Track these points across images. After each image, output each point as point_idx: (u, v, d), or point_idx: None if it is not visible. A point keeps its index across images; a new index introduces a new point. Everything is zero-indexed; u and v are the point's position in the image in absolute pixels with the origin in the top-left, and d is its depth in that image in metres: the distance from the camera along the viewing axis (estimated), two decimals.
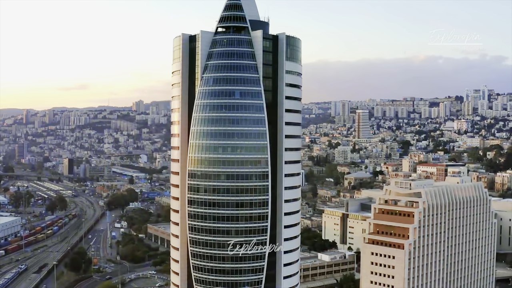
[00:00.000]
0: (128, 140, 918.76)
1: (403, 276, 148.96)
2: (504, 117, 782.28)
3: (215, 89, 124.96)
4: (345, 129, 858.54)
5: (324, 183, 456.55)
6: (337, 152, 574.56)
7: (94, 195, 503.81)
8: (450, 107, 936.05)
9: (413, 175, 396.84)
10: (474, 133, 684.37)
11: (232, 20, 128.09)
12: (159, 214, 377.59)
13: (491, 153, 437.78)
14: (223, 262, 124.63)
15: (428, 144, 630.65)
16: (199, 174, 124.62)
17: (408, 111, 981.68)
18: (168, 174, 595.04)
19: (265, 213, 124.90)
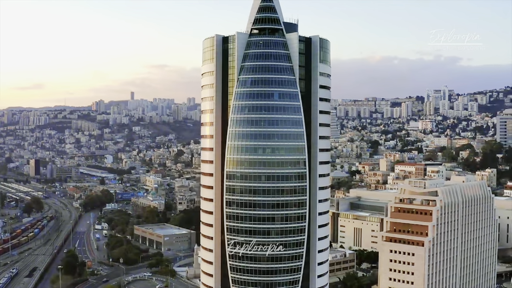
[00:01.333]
0: (90, 140, 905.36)
1: (423, 272, 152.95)
2: (466, 117, 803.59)
3: (254, 90, 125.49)
4: None
5: None
6: None
7: (66, 197, 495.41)
8: (412, 107, 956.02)
9: (391, 174, 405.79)
10: (439, 133, 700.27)
11: (267, 22, 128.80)
12: (139, 215, 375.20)
13: (464, 152, 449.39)
14: (261, 263, 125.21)
15: (396, 143, 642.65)
16: (238, 175, 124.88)
17: (371, 111, 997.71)
18: (138, 175, 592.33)
19: (303, 213, 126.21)
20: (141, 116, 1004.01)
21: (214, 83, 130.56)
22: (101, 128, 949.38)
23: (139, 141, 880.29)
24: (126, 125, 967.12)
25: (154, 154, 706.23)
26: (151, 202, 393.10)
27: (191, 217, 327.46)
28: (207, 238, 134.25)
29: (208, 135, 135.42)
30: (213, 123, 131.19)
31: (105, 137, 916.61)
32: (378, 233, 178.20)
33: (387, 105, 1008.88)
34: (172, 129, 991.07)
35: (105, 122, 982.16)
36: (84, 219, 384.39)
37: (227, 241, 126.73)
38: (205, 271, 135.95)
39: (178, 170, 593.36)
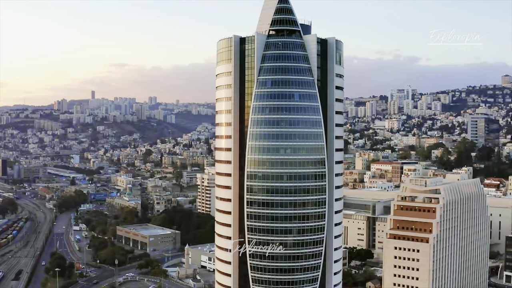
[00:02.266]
0: (54, 140, 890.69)
1: (428, 268, 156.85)
2: (431, 116, 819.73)
3: (274, 91, 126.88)
4: None
5: None
6: None
7: (37, 197, 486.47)
8: (376, 106, 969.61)
9: (367, 173, 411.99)
10: (406, 132, 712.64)
11: (285, 23, 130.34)
12: (116, 216, 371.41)
13: (436, 151, 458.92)
14: (281, 261, 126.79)
15: (365, 142, 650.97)
16: (260, 175, 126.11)
17: None
18: (108, 175, 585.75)
19: (322, 212, 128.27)
20: (104, 116, 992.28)
21: (232, 83, 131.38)
22: (65, 128, 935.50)
23: (103, 141, 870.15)
24: (89, 125, 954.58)
25: (122, 154, 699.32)
26: (128, 202, 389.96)
27: (173, 217, 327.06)
28: (224, 238, 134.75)
29: (224, 135, 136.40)
30: (230, 124, 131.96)
31: (68, 136, 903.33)
32: (381, 231, 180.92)
33: (352, 104, 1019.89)
34: (136, 128, 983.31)
35: (68, 121, 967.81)
36: (60, 220, 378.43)
37: (248, 240, 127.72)
38: (222, 271, 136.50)
39: (148, 170, 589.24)
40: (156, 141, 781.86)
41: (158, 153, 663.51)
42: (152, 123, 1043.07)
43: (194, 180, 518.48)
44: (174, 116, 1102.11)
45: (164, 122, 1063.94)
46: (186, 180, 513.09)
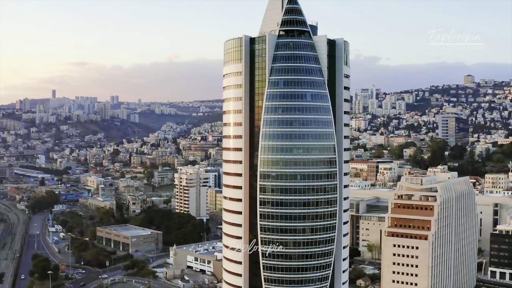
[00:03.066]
0: (17, 139, 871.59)
1: (428, 264, 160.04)
2: (396, 116, 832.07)
3: (286, 91, 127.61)
4: None
5: None
6: None
7: (6, 198, 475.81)
8: None
9: None
10: (373, 131, 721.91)
11: (294, 24, 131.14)
12: (91, 217, 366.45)
13: (408, 150, 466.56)
14: (294, 260, 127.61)
15: None
16: (273, 175, 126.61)
17: None
18: (77, 175, 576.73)
19: (334, 211, 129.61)
20: (68, 115, 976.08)
21: (243, 83, 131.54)
22: (28, 127, 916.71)
23: (67, 140, 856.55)
24: (53, 124, 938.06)
25: (89, 153, 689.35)
26: (102, 203, 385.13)
27: (152, 217, 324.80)
28: (234, 237, 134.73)
29: (232, 135, 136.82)
30: (241, 123, 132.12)
31: (32, 136, 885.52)
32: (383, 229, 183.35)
33: None
34: (100, 128, 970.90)
35: (31, 121, 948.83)
36: (34, 222, 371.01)
37: (261, 239, 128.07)
38: (231, 271, 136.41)
39: (117, 169, 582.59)
40: (122, 141, 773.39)
41: (126, 153, 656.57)
42: (116, 123, 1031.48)
43: (165, 180, 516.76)
44: (137, 116, 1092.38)
45: (127, 121, 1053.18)
46: (158, 180, 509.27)
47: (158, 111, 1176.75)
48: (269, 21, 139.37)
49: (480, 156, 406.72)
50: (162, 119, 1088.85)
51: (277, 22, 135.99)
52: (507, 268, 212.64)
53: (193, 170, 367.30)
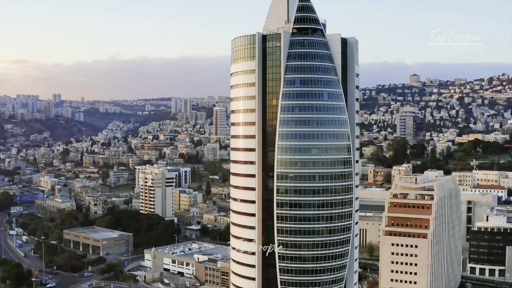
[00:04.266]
0: None
1: (427, 263, 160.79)
2: None
3: (303, 90, 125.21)
4: (190, 126, 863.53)
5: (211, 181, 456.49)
6: (206, 150, 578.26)
7: None
8: None
9: None
10: None
11: (308, 22, 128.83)
12: (52, 218, 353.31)
13: (367, 148, 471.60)
14: (310, 262, 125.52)
15: None
16: (291, 176, 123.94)
17: None
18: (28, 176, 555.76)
19: (349, 212, 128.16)
20: (11, 114, 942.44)
21: (256, 81, 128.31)
22: None
23: (12, 140, 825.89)
24: None
25: (38, 153, 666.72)
26: (62, 204, 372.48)
27: (119, 218, 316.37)
28: (247, 240, 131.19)
29: (242, 135, 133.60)
30: (253, 123, 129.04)
31: None
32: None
33: None
34: (45, 126, 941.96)
35: None
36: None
37: (278, 242, 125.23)
38: (243, 275, 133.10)
39: (69, 169, 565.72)
40: (70, 140, 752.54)
41: (76, 152, 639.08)
42: (61, 121, 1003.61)
43: (121, 180, 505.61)
44: (82, 114, 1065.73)
45: (72, 120, 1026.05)
46: (113, 180, 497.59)
47: (103, 110, 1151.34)
48: (273, 18, 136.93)
49: (442, 154, 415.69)
50: (107, 118, 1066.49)
51: (284, 20, 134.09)
52: (486, 264, 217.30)
53: (158, 170, 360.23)
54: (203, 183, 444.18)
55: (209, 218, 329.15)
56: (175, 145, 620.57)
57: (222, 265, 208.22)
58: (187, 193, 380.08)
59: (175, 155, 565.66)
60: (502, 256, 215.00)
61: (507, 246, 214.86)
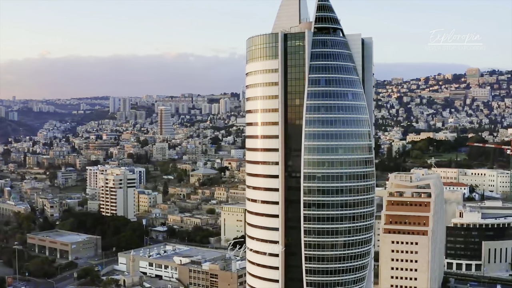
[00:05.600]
0: None
1: (427, 259, 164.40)
2: None
3: (328, 89, 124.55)
4: (130, 126, 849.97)
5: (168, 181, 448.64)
6: (155, 149, 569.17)
7: None
8: (230, 103, 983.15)
9: None
10: None
11: (328, 21, 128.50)
12: (6, 222, 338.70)
13: None
14: (335, 262, 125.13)
15: (235, 139, 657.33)
16: (319, 176, 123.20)
17: (189, 107, 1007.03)
18: None
19: (372, 211, 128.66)
20: None
21: (279, 81, 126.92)
22: None
23: None
24: None
25: None
26: (15, 207, 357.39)
27: (83, 221, 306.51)
28: (269, 242, 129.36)
29: (260, 135, 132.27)
30: (277, 123, 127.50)
31: None
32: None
33: (205, 101, 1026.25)
34: None
35: None
36: None
37: (305, 243, 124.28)
38: (265, 277, 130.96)
39: (12, 171, 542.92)
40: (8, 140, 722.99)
41: (17, 153, 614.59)
42: None
43: (70, 181, 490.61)
44: (16, 114, 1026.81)
45: (6, 119, 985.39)
46: (62, 181, 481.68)
47: (36, 109, 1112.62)
48: (284, 17, 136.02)
49: (398, 152, 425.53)
50: (42, 117, 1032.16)
51: (295, 19, 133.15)
52: (463, 259, 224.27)
53: (119, 171, 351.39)
54: (158, 184, 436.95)
55: (175, 219, 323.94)
56: (122, 145, 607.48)
57: (211, 267, 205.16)
58: (146, 194, 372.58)
59: (122, 155, 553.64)
60: (478, 251, 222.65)
61: (483, 241, 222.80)
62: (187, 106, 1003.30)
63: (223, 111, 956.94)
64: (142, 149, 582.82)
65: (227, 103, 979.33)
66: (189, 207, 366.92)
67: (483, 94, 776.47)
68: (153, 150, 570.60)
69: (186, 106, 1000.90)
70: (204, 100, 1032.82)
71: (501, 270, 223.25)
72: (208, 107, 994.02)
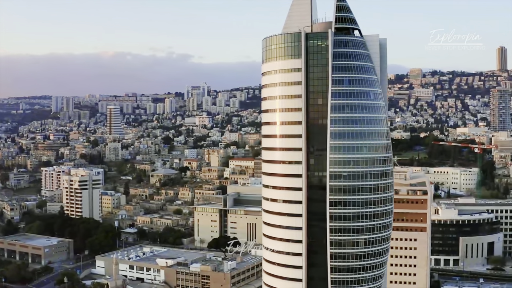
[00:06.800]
0: None
1: (426, 255, 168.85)
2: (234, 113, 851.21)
3: (352, 89, 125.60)
4: (75, 125, 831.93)
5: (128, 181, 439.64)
6: (108, 150, 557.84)
7: None
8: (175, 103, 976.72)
9: (227, 170, 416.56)
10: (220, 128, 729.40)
11: (348, 22, 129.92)
12: None
13: None
14: (357, 260, 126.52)
15: (186, 139, 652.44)
16: (345, 175, 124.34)
17: (133, 107, 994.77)
18: None
19: (390, 209, 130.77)
20: None
21: (303, 80, 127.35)
22: None
23: None
24: None
25: None
26: None
27: (50, 224, 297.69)
28: (291, 242, 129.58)
29: (278, 134, 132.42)
30: (299, 122, 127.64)
31: None
32: None
33: (149, 101, 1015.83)
34: None
35: None
36: None
37: (330, 242, 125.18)
38: (287, 276, 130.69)
39: None
40: None
41: None
42: None
43: (22, 182, 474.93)
44: None
45: None
46: (14, 183, 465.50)
47: None
48: (295, 16, 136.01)
49: None
50: None
51: (307, 19, 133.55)
52: (441, 255, 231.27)
53: (84, 172, 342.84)
54: (117, 185, 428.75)
55: (144, 221, 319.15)
56: (72, 145, 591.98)
57: (202, 268, 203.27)
58: (109, 195, 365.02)
59: (74, 156, 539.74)
60: (456, 246, 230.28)
61: (460, 237, 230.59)
62: (131, 105, 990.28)
63: (168, 110, 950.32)
64: (94, 149, 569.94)
65: (173, 103, 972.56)
66: (153, 208, 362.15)
67: (427, 94, 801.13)
68: (106, 150, 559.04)
69: (131, 106, 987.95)
70: (148, 99, 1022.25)
71: (478, 264, 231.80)
72: (153, 107, 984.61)
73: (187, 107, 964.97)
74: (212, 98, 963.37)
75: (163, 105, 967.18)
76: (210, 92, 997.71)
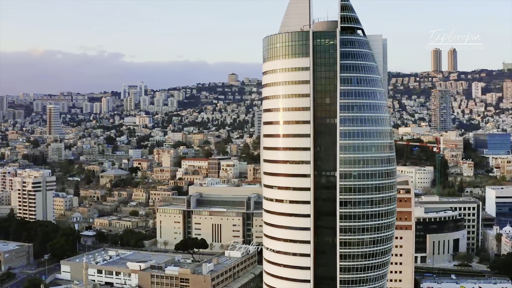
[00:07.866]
0: None
1: (412, 252, 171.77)
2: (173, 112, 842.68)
3: (360, 89, 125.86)
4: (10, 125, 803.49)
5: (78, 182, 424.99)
6: (50, 150, 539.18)
7: None
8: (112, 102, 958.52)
9: (179, 170, 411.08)
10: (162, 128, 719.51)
11: (352, 21, 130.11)
12: None
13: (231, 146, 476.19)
14: (364, 259, 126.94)
15: (129, 139, 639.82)
16: (355, 175, 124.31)
17: (69, 106, 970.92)
18: None
19: (394, 209, 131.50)
20: None
21: (311, 79, 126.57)
22: None
23: None
24: None
25: None
26: None
27: (4, 227, 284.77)
28: (299, 242, 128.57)
29: (281, 134, 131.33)
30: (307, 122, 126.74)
31: None
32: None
33: (85, 100, 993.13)
34: None
35: None
36: None
37: (340, 241, 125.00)
38: (295, 278, 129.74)
39: None
40: None
41: None
42: None
43: None
44: None
45: None
46: None
47: None
48: (293, 15, 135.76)
49: None
50: None
51: (306, 18, 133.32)
52: (418, 252, 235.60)
53: (38, 173, 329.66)
54: (65, 186, 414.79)
55: (102, 223, 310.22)
56: (12, 146, 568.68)
57: (181, 271, 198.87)
58: (61, 197, 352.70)
59: (16, 156, 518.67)
60: (423, 243, 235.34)
61: (427, 235, 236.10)
62: (67, 105, 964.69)
63: (105, 110, 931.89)
64: (36, 149, 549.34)
65: (109, 102, 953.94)
66: (107, 209, 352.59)
67: None
68: (49, 150, 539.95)
69: (67, 105, 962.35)
70: (84, 98, 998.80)
71: (444, 261, 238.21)
72: (89, 106, 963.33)
73: (125, 107, 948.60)
74: (150, 97, 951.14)
75: (99, 104, 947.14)
76: (147, 91, 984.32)
